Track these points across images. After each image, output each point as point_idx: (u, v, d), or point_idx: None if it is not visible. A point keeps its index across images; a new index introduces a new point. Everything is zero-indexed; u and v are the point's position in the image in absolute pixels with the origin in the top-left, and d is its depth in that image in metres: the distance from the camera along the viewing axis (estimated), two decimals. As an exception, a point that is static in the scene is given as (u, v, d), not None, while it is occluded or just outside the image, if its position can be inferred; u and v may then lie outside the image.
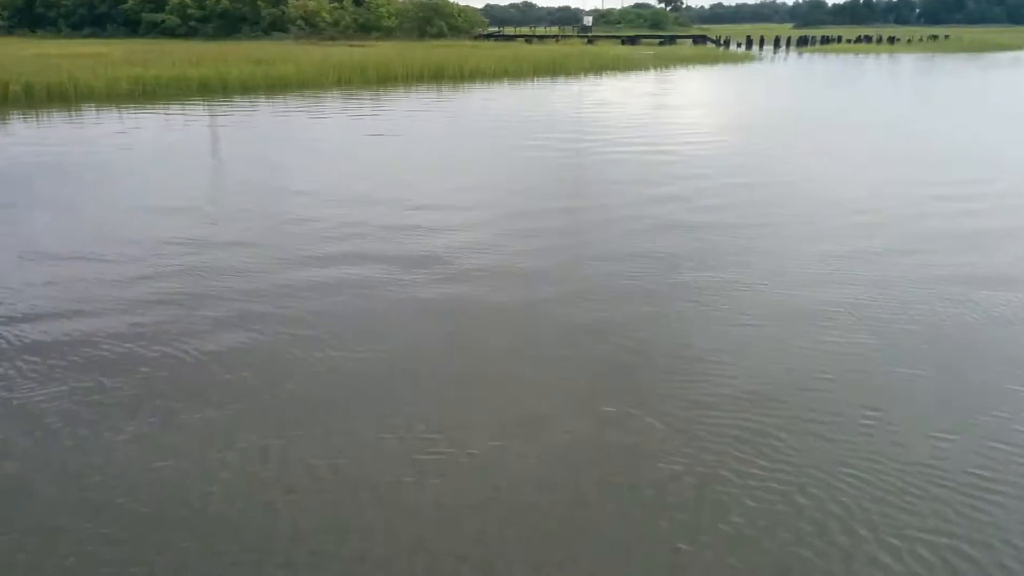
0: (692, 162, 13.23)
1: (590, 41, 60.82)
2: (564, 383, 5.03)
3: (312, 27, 64.77)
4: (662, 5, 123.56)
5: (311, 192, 10.84)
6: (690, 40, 64.54)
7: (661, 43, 60.69)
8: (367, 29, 65.80)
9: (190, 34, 61.73)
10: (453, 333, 5.85)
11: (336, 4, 67.73)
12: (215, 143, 15.56)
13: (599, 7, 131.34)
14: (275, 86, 27.26)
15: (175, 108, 21.12)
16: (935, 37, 71.23)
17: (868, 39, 69.27)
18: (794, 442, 4.27)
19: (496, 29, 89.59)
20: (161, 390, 4.87)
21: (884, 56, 52.98)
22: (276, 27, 64.11)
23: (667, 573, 3.32)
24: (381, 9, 67.34)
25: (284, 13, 64.72)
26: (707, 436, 4.34)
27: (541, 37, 68.85)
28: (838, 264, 7.40)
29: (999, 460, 4.09)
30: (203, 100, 23.26)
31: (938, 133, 17.37)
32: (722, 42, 62.95)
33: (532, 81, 31.96)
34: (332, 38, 62.25)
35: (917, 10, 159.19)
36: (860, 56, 53.39)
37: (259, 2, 64.93)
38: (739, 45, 64.77)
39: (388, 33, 65.14)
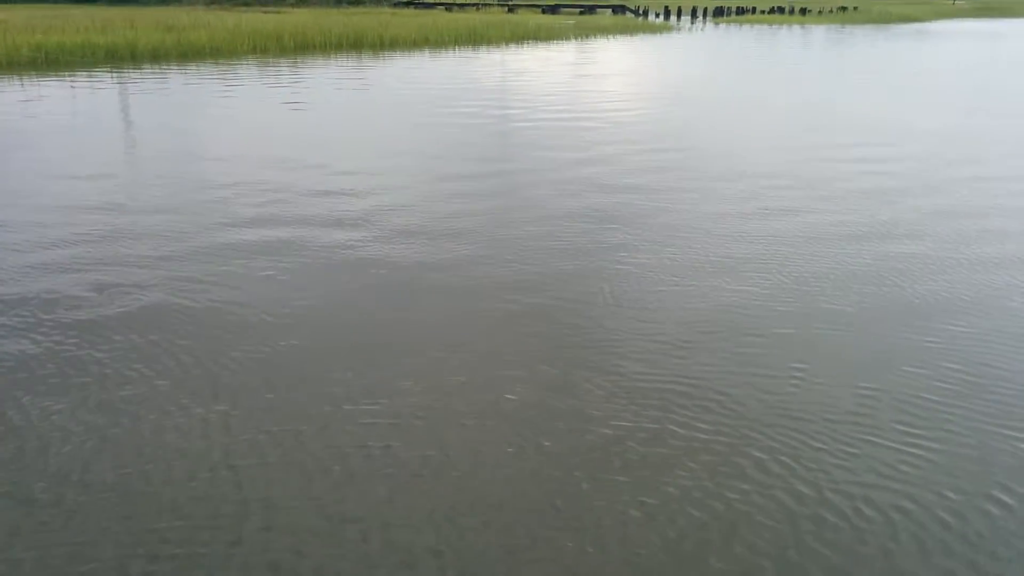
0: (615, 130, 13.52)
1: (511, 10, 60.54)
2: (501, 345, 5.14)
3: (224, -8, 62.46)
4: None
5: (229, 159, 10.69)
6: (609, 10, 64.93)
7: (581, 12, 60.88)
8: (282, -6, 63.87)
9: (94, -1, 58.83)
10: (385, 295, 5.94)
11: (249, -31, 65.43)
12: (126, 111, 15.05)
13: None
14: (187, 54, 26.39)
15: (81, 77, 20.25)
16: (844, 8, 73.56)
17: (781, 10, 71.04)
18: (731, 397, 4.46)
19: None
20: (79, 359, 4.83)
21: (797, 27, 54.47)
22: (186, -8, 61.59)
23: (618, 539, 3.36)
24: (297, -26, 65.36)
25: (194, -23, 62.18)
26: (649, 393, 4.48)
27: (462, 5, 68.05)
28: (755, 223, 7.80)
29: (920, 410, 4.36)
30: (111, 68, 22.35)
31: (847, 103, 18.14)
32: (641, 12, 63.64)
33: (453, 50, 31.75)
34: (245, 3, 60.20)
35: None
36: (774, 27, 54.78)
37: (167, -34, 62.17)
38: (657, 15, 65.60)
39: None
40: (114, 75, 20.95)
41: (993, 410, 4.34)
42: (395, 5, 65.12)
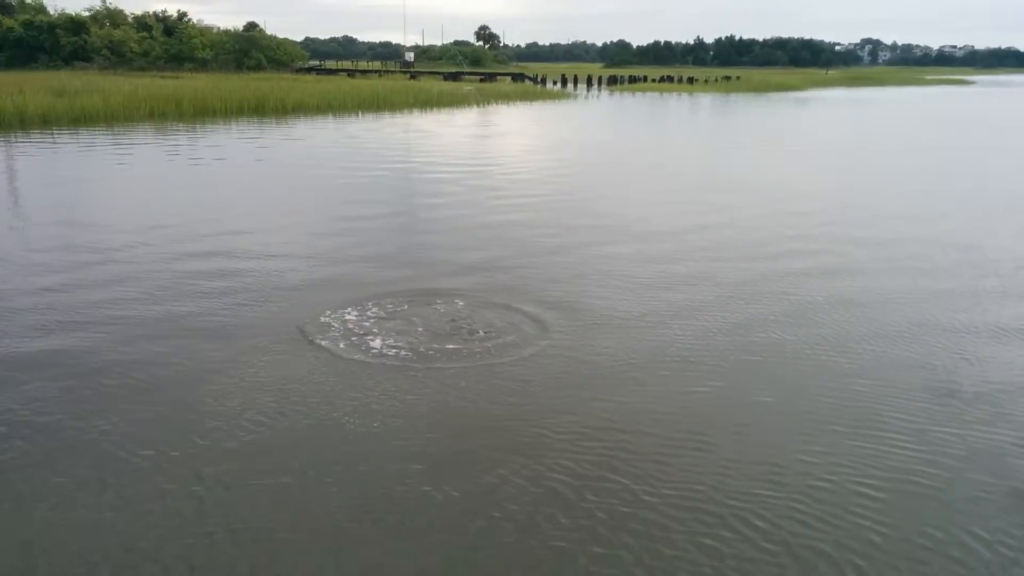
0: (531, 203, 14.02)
1: (413, 76, 61.74)
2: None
3: (119, 57, 61.41)
4: (481, 43, 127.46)
5: (120, 227, 10.48)
6: (509, 77, 67.10)
7: (482, 80, 62.66)
8: (180, 60, 63.24)
9: (-23, 63, 56.76)
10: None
11: (145, 34, 64.60)
12: (11, 180, 14.56)
13: (420, 43, 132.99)
14: (79, 119, 25.74)
15: (-36, 143, 19.45)
16: (728, 78, 78.24)
17: (670, 79, 75.04)
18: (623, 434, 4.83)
19: (317, 63, 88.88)
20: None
21: (685, 96, 57.60)
22: (78, 56, 60.25)
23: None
24: (195, 40, 64.96)
25: (87, 42, 60.94)
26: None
27: (364, 71, 69.00)
28: (628, 263, 8.26)
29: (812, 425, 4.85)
30: (-3, 134, 21.59)
31: (727, 165, 19.33)
32: (539, 80, 65.91)
33: (357, 116, 32.10)
34: (142, 69, 59.26)
35: (711, 52, 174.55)
36: (665, 95, 57.75)
37: (58, 30, 60.74)
38: (555, 83, 68.09)
39: (203, 65, 62.90)
40: (1, 141, 20.23)
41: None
42: (297, 71, 65.39)
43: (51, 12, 64.84)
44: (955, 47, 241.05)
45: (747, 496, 4.19)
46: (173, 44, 64.55)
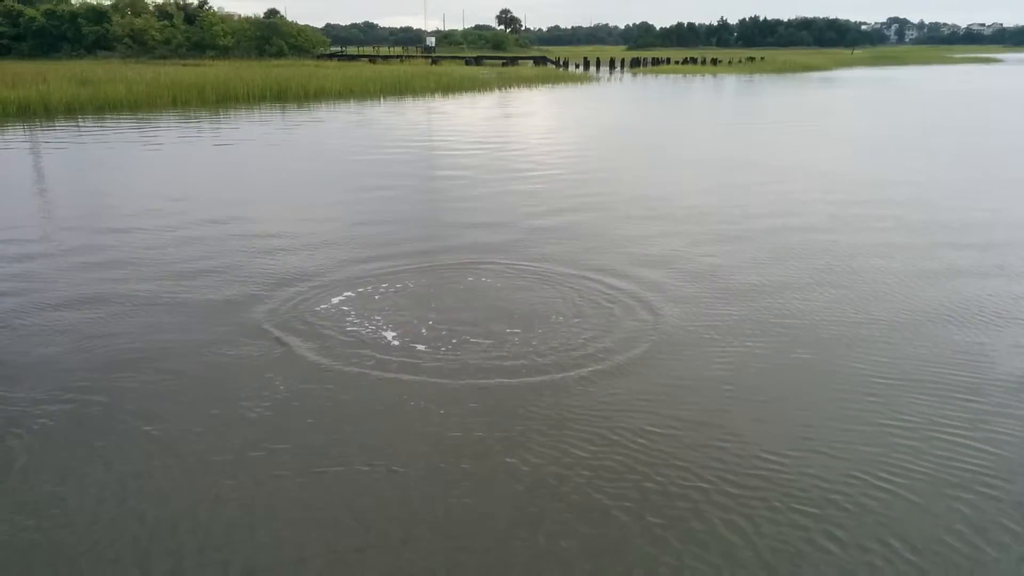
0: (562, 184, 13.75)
1: (434, 61, 61.35)
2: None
3: (141, 45, 61.56)
4: (502, 27, 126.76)
5: (146, 214, 10.35)
6: (531, 61, 66.53)
7: (504, 64, 62.15)
8: (201, 48, 63.26)
9: (2, 53, 57.14)
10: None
11: (167, 22, 64.72)
12: (39, 168, 14.51)
13: (441, 28, 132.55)
14: (103, 108, 25.75)
15: (-10, 131, 19.48)
16: (752, 59, 77.14)
17: (694, 60, 74.07)
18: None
19: (338, 49, 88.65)
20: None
21: (709, 77, 56.80)
22: (100, 45, 60.46)
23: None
24: (216, 28, 64.91)
25: (108, 31, 61.15)
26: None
27: (385, 57, 68.70)
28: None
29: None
30: (23, 123, 21.61)
31: (755, 146, 18.90)
32: (561, 63, 65.31)
33: (379, 101, 31.88)
34: (163, 57, 59.41)
35: (735, 34, 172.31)
36: (688, 77, 56.99)
37: (80, 19, 61.02)
38: (577, 66, 67.49)
39: (224, 52, 62.87)
40: (26, 130, 20.25)
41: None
42: (318, 57, 65.24)
43: (73, 2, 65.07)
44: (983, 25, 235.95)
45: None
46: (194, 32, 64.57)
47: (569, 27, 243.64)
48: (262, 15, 76.12)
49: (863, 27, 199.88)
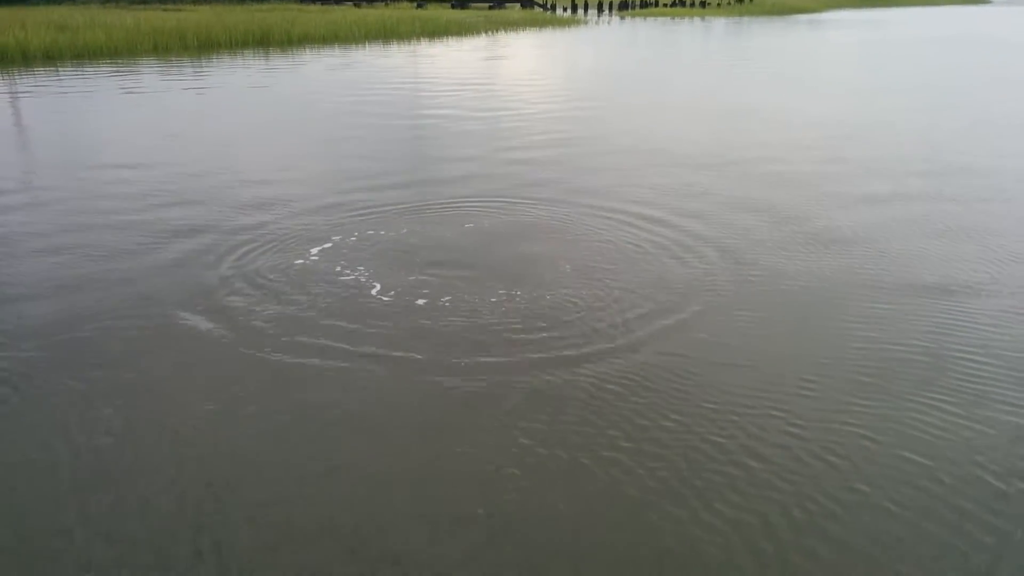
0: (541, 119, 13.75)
1: (420, 5, 60.23)
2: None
3: (120, -9, 60.02)
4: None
5: (137, 164, 10.36)
6: (518, 4, 65.33)
7: (491, 7, 61.02)
8: (181, -8, 61.77)
9: (-26, -1, 55.68)
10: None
11: (145, -34, 63.01)
12: (17, 116, 14.38)
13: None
14: (83, 54, 25.34)
15: (-32, 79, 19.20)
16: (741, 1, 75.96)
17: (683, 3, 72.99)
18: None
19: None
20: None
21: (698, 20, 56.07)
22: (78, -9, 58.93)
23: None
24: (196, -29, 63.24)
25: (85, -25, 59.53)
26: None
27: (370, 1, 67.33)
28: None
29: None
30: (0, 71, 21.29)
31: (740, 94, 18.88)
32: (549, 6, 64.23)
33: (364, 46, 31.43)
34: (143, 2, 58.08)
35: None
36: (676, 20, 56.25)
37: (55, -37, 59.30)
38: (565, 9, 66.42)
39: (205, -3, 61.38)
40: (3, 78, 19.95)
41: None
42: (301, 1, 63.87)
43: (48, -55, 63.13)
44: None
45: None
46: (174, -24, 62.99)
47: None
48: (243, -42, 74.05)
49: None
